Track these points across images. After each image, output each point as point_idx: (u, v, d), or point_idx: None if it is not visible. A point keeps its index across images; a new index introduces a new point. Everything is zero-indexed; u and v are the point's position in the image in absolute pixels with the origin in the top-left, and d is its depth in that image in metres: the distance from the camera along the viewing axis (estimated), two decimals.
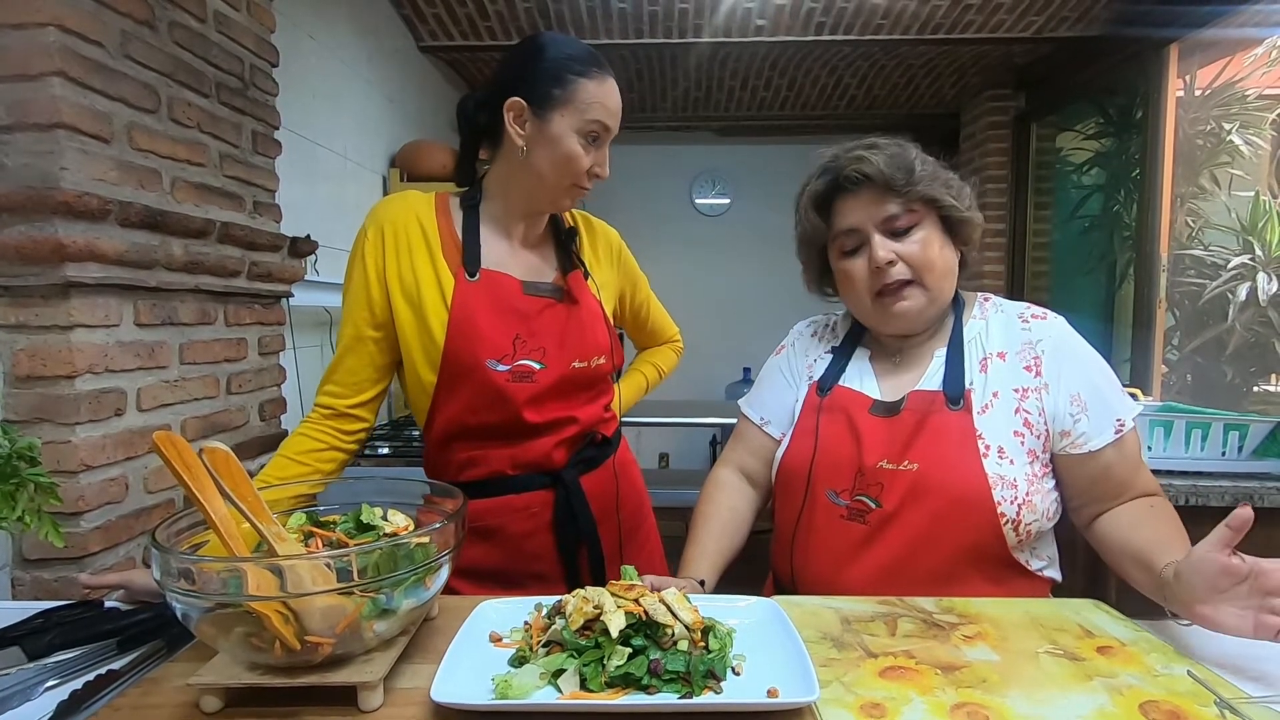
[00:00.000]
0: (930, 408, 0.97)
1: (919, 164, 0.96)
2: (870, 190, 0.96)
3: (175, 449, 0.70)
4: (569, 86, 1.01)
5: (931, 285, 0.97)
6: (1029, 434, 0.95)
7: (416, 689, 0.70)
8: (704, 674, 0.69)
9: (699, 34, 3.13)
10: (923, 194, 0.95)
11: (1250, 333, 2.67)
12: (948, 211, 0.97)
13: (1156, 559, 0.84)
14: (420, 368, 1.07)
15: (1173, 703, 0.68)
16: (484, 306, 1.06)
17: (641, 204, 4.93)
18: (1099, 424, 0.94)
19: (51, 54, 1.15)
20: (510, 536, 1.11)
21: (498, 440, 1.10)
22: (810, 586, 1.01)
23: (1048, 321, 1.01)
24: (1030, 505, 0.93)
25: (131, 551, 1.33)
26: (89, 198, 1.16)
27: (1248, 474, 1.67)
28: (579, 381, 1.13)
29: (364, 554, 0.67)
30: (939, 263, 0.97)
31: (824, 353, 1.12)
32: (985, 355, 1.00)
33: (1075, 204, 3.57)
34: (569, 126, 1.02)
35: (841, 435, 1.01)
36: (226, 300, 1.60)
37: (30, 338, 1.18)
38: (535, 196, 1.09)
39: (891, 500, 0.95)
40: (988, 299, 1.07)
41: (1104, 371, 0.98)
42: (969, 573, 0.95)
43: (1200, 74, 2.90)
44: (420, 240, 1.08)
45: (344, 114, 2.50)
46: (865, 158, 0.95)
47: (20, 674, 0.75)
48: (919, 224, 0.97)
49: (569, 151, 1.02)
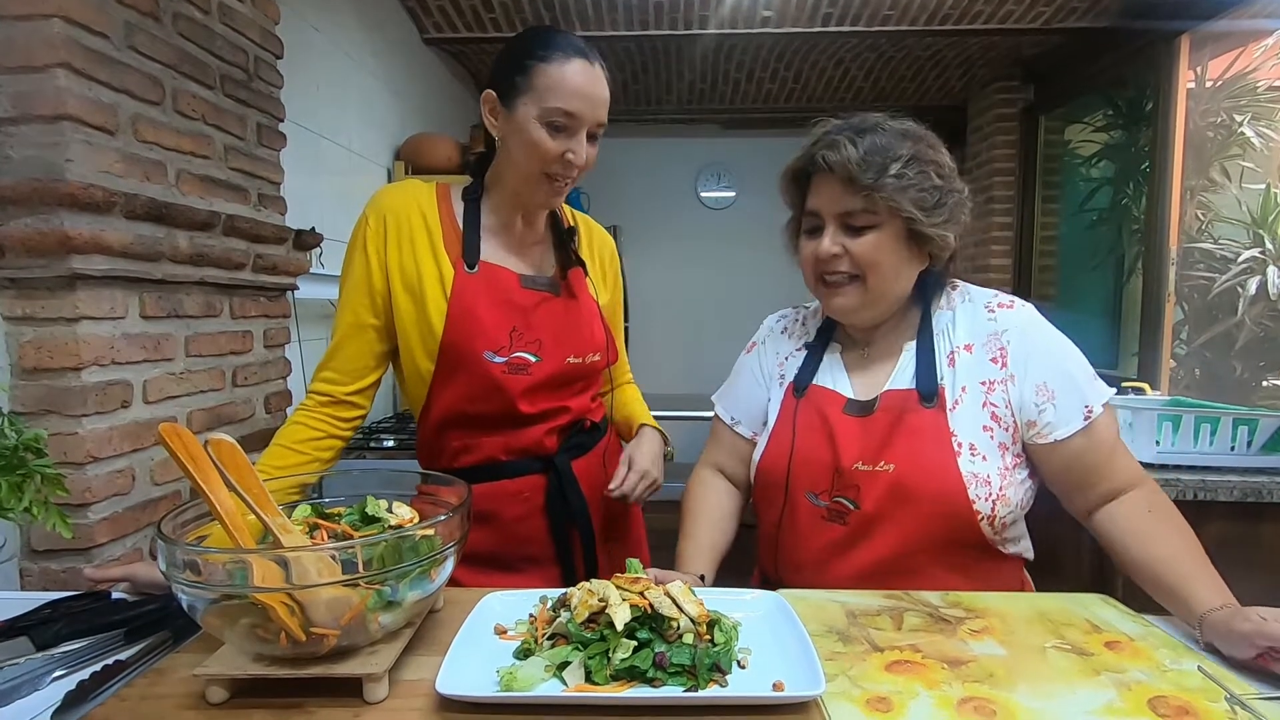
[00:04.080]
0: (904, 406, 0.97)
1: (898, 165, 0.91)
2: (838, 180, 0.93)
3: (181, 441, 0.70)
4: (528, 72, 1.00)
5: (873, 286, 0.95)
6: (998, 427, 0.95)
7: (422, 681, 0.70)
8: (709, 667, 0.68)
9: (704, 26, 3.11)
10: (885, 199, 0.91)
11: (1260, 327, 2.65)
12: (911, 225, 0.93)
13: (1181, 591, 0.83)
14: (418, 357, 1.08)
15: (1182, 698, 0.68)
16: (482, 299, 1.06)
17: (646, 197, 4.92)
18: (1066, 413, 0.93)
19: (56, 45, 1.14)
20: (504, 521, 1.12)
21: (492, 428, 1.11)
22: (795, 586, 1.01)
23: (1014, 311, 0.99)
24: (1004, 500, 0.93)
25: (139, 543, 1.33)
26: (94, 190, 1.16)
27: (1257, 469, 1.66)
28: (573, 375, 1.14)
29: (369, 546, 0.67)
30: (887, 267, 0.94)
31: (795, 349, 1.12)
32: (953, 349, 0.99)
33: (1083, 197, 3.54)
34: (530, 114, 1.01)
35: (817, 437, 1.01)
36: (232, 293, 1.60)
37: (36, 330, 1.19)
38: (517, 189, 1.09)
39: (870, 501, 0.95)
40: (955, 286, 1.04)
41: (1072, 358, 0.96)
42: (948, 566, 0.96)
43: (1211, 65, 2.86)
44: (422, 230, 1.08)
45: (349, 106, 2.49)
46: (840, 144, 0.92)
47: (28, 664, 0.76)
48: (878, 226, 0.93)
49: (532, 139, 1.01)
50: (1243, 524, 1.61)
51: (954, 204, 0.95)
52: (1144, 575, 0.89)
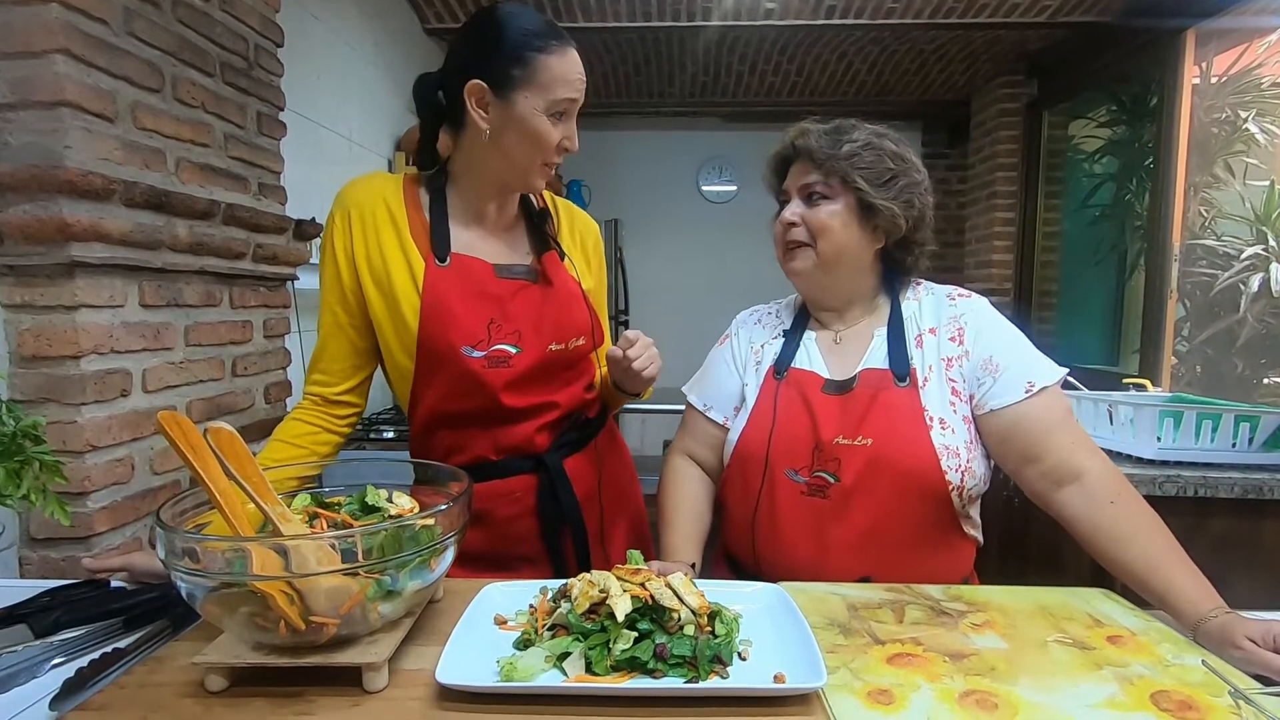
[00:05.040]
0: (880, 385, 1.03)
1: (853, 146, 1.03)
2: (803, 160, 1.07)
3: (180, 429, 0.69)
4: (530, 65, 0.98)
5: (822, 250, 1.05)
6: (959, 401, 1.02)
7: (422, 670, 0.70)
8: (710, 659, 0.68)
9: (707, 17, 3.09)
10: (837, 170, 1.03)
11: (1262, 324, 2.64)
12: (861, 197, 1.03)
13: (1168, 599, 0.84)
14: (397, 354, 1.06)
15: (1185, 693, 0.68)
16: (456, 292, 1.04)
17: (647, 191, 4.90)
18: (1007, 384, 0.99)
19: (55, 31, 1.13)
20: (496, 521, 1.11)
21: (478, 426, 1.09)
22: (777, 566, 1.03)
23: (971, 299, 1.09)
24: (970, 471, 0.99)
25: (138, 532, 1.33)
26: (93, 177, 1.15)
27: (1258, 465, 1.66)
28: (558, 364, 1.12)
29: (369, 535, 0.66)
30: (836, 233, 1.04)
31: (772, 338, 1.17)
32: (919, 332, 1.07)
33: (1086, 193, 3.53)
34: (534, 106, 0.99)
35: (798, 414, 1.05)
36: (232, 282, 1.59)
37: (35, 318, 1.18)
38: (505, 177, 1.07)
39: (850, 475, 0.99)
40: (919, 283, 1.14)
41: (1020, 340, 1.04)
42: (916, 541, 1.01)
43: (1216, 61, 2.85)
44: (388, 223, 1.06)
45: (349, 96, 2.48)
46: (809, 131, 1.06)
47: (27, 651, 0.76)
48: (833, 198, 1.04)
49: (537, 130, 1.00)
50: (1244, 521, 1.61)
51: (905, 185, 1.04)
52: (1126, 577, 0.89)
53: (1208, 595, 0.82)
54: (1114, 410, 1.81)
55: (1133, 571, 0.87)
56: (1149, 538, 0.88)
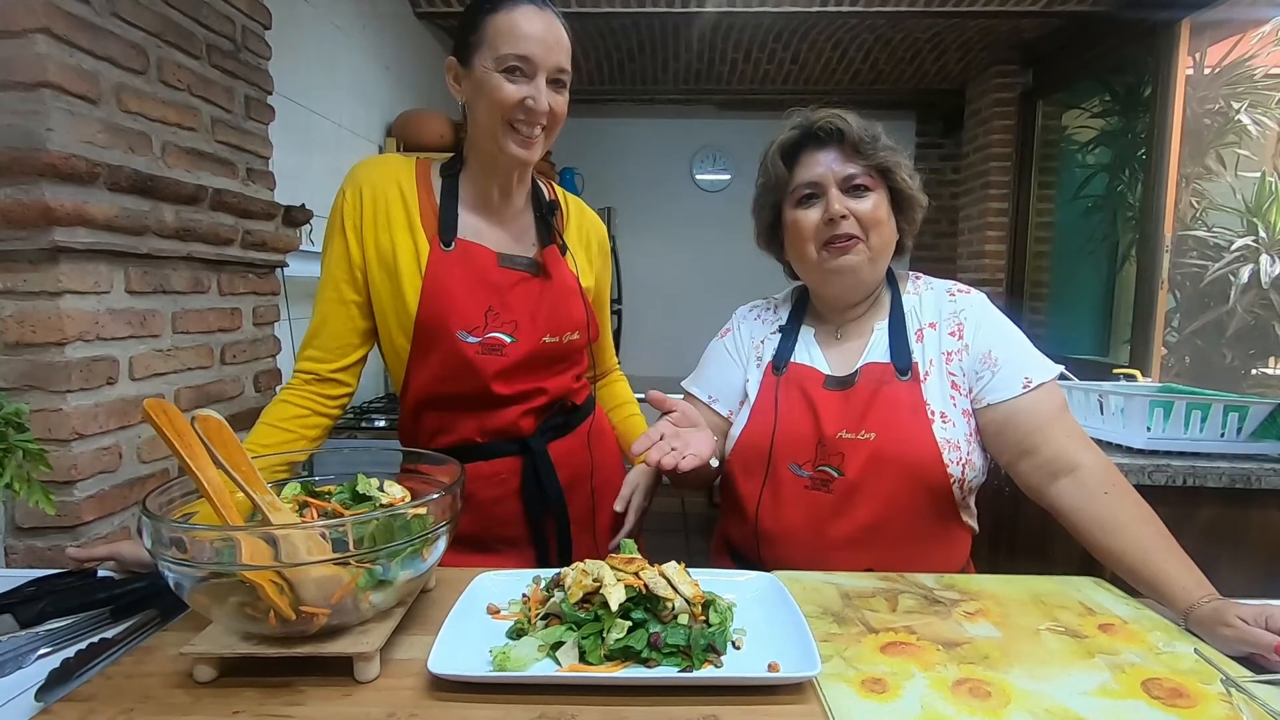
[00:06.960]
0: (882, 379, 1.03)
1: (884, 137, 1.03)
2: (838, 148, 1.03)
3: (167, 416, 0.68)
4: (480, 28, 1.00)
5: (875, 245, 1.03)
6: (959, 395, 1.03)
7: (414, 660, 0.70)
8: (704, 648, 0.68)
9: (702, 4, 3.06)
10: (884, 161, 1.01)
11: (1251, 315, 2.66)
12: (898, 185, 1.03)
13: (1160, 588, 0.84)
14: (395, 334, 1.07)
15: (1176, 680, 0.68)
16: (457, 277, 1.05)
17: (641, 178, 4.87)
18: (1005, 379, 1.00)
19: (35, 9, 1.11)
20: (480, 503, 1.12)
21: (466, 409, 1.10)
22: (780, 559, 1.03)
23: (970, 295, 1.09)
24: (970, 464, 1.00)
25: (126, 521, 1.32)
26: (76, 160, 1.13)
27: (1246, 455, 1.67)
28: (550, 356, 1.12)
29: (360, 524, 0.66)
30: (885, 227, 1.03)
31: (771, 333, 1.16)
32: (920, 327, 1.07)
33: (1079, 183, 3.54)
34: (486, 65, 1.00)
35: (800, 410, 1.05)
36: (220, 269, 1.57)
37: (19, 303, 1.16)
38: (486, 151, 1.06)
39: (853, 469, 1.00)
40: (919, 277, 1.14)
41: (1018, 337, 1.05)
42: (918, 533, 1.01)
43: (1210, 52, 2.85)
44: (399, 205, 1.07)
45: (339, 81, 2.44)
46: (842, 116, 1.02)
47: (12, 641, 0.75)
48: (873, 189, 1.03)
49: (492, 87, 1.00)
50: (1232, 510, 1.62)
51: (918, 176, 1.06)
52: (1118, 566, 0.89)
53: (1199, 583, 0.82)
54: (1104, 400, 1.82)
55: (1125, 560, 0.87)
56: (1141, 527, 0.89)
